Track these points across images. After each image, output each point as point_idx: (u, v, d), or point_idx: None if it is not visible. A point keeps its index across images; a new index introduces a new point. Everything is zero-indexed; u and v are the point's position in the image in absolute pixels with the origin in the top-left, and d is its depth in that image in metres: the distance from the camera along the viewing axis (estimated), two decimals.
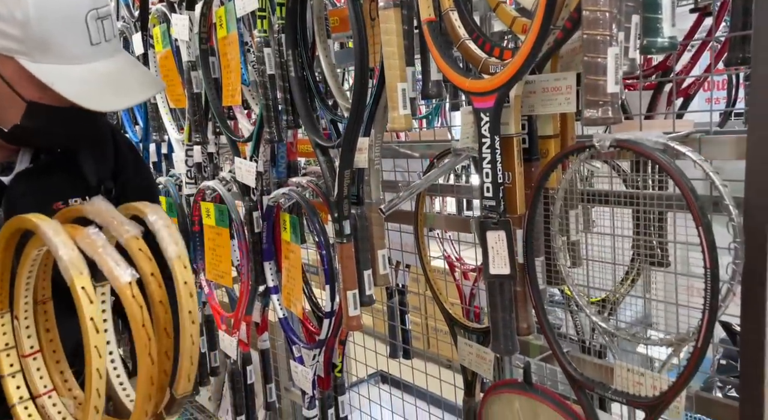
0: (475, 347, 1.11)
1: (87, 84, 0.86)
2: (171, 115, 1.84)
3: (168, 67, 1.70)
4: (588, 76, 0.67)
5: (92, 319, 0.66)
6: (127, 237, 0.70)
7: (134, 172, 1.14)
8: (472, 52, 0.87)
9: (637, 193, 0.84)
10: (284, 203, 1.33)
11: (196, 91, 1.57)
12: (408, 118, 0.98)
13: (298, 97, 1.21)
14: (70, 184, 1.01)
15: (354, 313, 1.19)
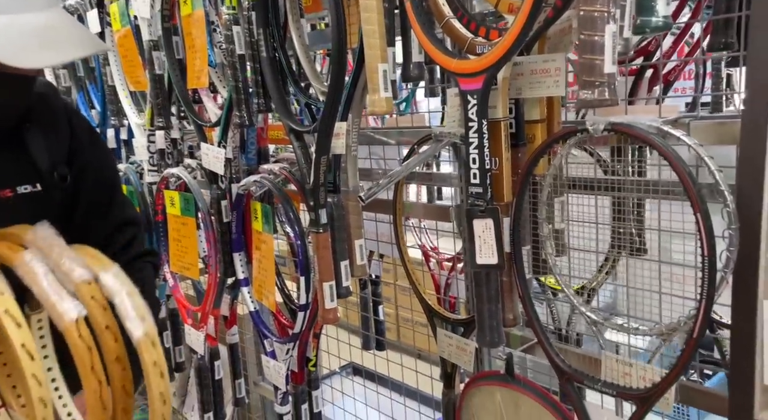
0: (455, 339, 1.09)
1: (9, 36, 0.73)
2: (131, 99, 1.74)
3: (127, 47, 1.60)
4: (584, 55, 0.63)
5: (24, 346, 0.56)
6: (78, 283, 0.58)
7: (93, 155, 1.02)
8: (457, 31, 0.83)
9: (628, 180, 0.82)
10: (255, 191, 1.27)
11: (159, 72, 1.48)
12: (389, 101, 0.93)
13: (270, 79, 1.15)
14: (17, 168, 0.89)
15: (330, 305, 1.14)
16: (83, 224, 0.97)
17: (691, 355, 0.65)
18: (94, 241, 0.93)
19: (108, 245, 0.99)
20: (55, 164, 0.93)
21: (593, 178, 0.82)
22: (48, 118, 0.95)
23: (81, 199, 0.97)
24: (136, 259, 1.03)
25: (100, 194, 1.00)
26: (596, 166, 1.07)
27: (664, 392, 0.68)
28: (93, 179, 0.99)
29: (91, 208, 0.98)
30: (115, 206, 1.02)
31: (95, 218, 0.99)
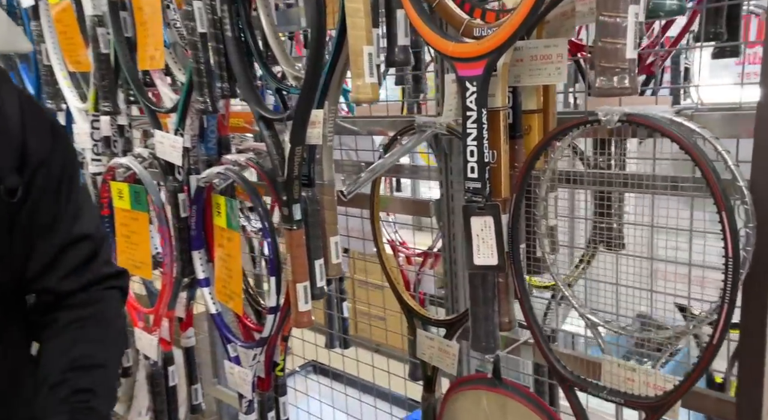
0: (437, 341, 1.03)
1: None
2: (70, 80, 1.57)
3: (66, 22, 1.44)
4: (603, 38, 0.58)
5: None
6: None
7: (47, 159, 0.78)
8: (452, 13, 0.76)
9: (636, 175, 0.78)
10: (219, 184, 1.16)
11: (105, 51, 1.34)
12: (375, 87, 0.85)
13: (236, 60, 1.04)
14: None
15: (304, 307, 1.06)
16: (25, 241, 0.78)
17: (709, 362, 0.62)
18: (38, 263, 0.78)
19: (53, 270, 0.79)
20: (2, 174, 0.73)
21: (598, 172, 0.78)
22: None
23: (23, 210, 0.77)
24: (93, 285, 0.82)
25: (47, 203, 0.79)
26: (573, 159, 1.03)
27: (678, 400, 0.65)
28: (41, 186, 0.78)
29: (35, 220, 0.78)
30: (65, 219, 0.80)
31: (39, 234, 0.79)
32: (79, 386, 0.77)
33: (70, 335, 0.80)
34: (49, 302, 0.81)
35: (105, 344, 0.83)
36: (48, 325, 0.81)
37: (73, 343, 0.80)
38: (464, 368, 1.18)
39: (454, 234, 1.14)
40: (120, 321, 0.89)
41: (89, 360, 0.79)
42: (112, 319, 0.86)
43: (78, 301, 0.81)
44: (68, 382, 0.76)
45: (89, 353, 0.80)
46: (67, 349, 0.79)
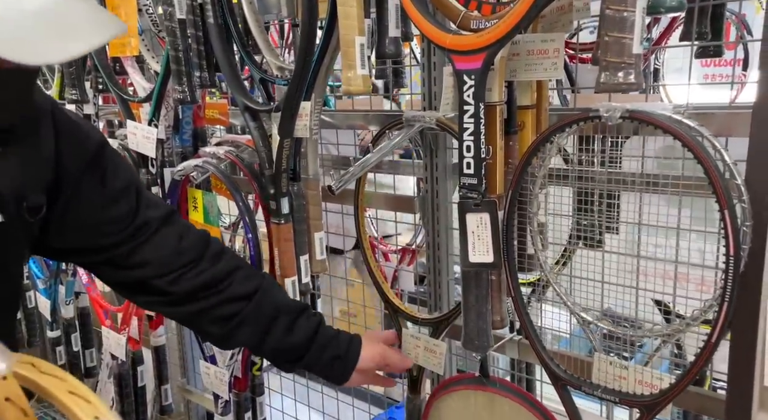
0: (423, 340, 1.01)
1: (8, 25, 0.55)
2: None
3: None
4: (609, 32, 0.57)
5: None
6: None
7: (95, 170, 0.82)
8: (448, 4, 0.74)
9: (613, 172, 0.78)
10: (196, 177, 1.11)
11: None
12: (366, 80, 0.83)
13: (219, 49, 1.00)
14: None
15: None
16: (101, 238, 0.84)
17: (707, 360, 0.62)
18: (142, 256, 0.85)
19: (161, 251, 0.87)
20: (26, 194, 0.75)
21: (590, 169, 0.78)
22: (29, 138, 0.75)
23: (85, 215, 0.82)
24: (197, 243, 0.90)
25: (115, 209, 0.85)
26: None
27: (673, 399, 0.65)
28: (95, 192, 0.82)
29: (109, 219, 0.84)
30: (140, 213, 0.87)
31: (113, 229, 0.84)
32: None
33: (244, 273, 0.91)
34: (180, 276, 0.88)
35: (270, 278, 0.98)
36: (204, 297, 0.88)
37: (268, 283, 0.93)
38: (447, 368, 1.17)
39: (438, 231, 1.13)
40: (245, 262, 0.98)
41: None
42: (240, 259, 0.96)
43: (214, 270, 0.89)
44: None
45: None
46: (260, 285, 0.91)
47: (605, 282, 0.82)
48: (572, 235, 1.08)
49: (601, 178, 0.82)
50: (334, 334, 0.94)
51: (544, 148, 0.72)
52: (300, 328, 0.91)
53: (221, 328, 0.90)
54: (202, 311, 0.89)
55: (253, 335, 0.90)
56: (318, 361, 0.93)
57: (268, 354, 0.95)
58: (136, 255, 0.86)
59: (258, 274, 0.95)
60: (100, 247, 0.85)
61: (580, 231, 0.99)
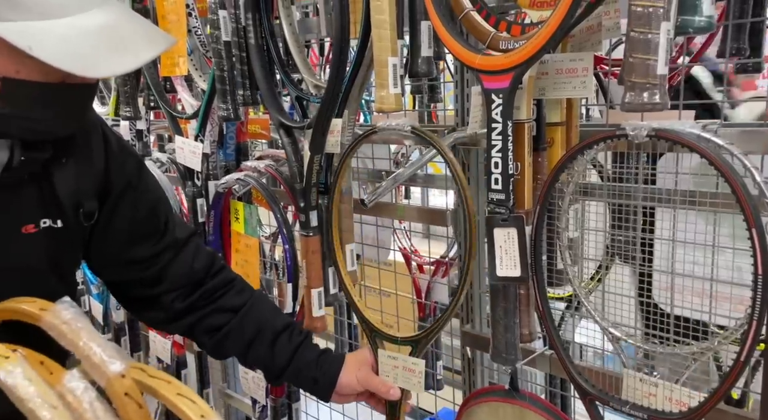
0: (400, 359, 0.97)
1: (74, 43, 0.62)
2: None
3: None
4: (634, 54, 0.58)
5: None
6: (111, 376, 0.49)
7: (134, 187, 0.88)
8: (478, 25, 0.77)
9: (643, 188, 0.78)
10: (238, 190, 1.17)
11: None
12: (398, 98, 0.86)
13: (258, 68, 1.06)
14: (41, 203, 0.78)
15: (318, 313, 1.07)
16: (131, 254, 0.90)
17: (736, 378, 0.61)
18: (156, 268, 0.91)
19: (176, 268, 0.93)
20: (81, 200, 0.82)
21: (623, 186, 0.78)
22: (83, 150, 0.82)
23: (119, 230, 0.88)
24: (212, 264, 0.97)
25: (147, 219, 0.91)
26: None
27: (702, 417, 0.65)
28: (134, 207, 0.89)
29: (138, 234, 0.90)
30: (169, 228, 0.94)
31: (146, 243, 0.91)
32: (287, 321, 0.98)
33: (242, 297, 0.97)
34: (186, 292, 0.94)
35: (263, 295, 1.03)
36: (199, 307, 0.95)
37: (257, 300, 0.98)
38: (479, 379, 1.17)
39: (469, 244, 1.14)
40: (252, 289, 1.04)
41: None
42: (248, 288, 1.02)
43: (212, 283, 0.96)
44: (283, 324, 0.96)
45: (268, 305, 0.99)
46: (257, 303, 0.97)
47: (636, 298, 0.82)
48: (606, 251, 1.08)
49: (636, 195, 0.82)
50: (312, 358, 0.95)
51: (572, 164, 0.73)
52: (280, 347, 0.94)
53: (211, 338, 0.95)
54: (197, 321, 0.94)
55: (238, 348, 0.95)
56: (297, 380, 0.97)
57: (253, 366, 1.00)
58: (161, 272, 0.92)
59: (249, 290, 1.00)
60: (133, 262, 0.90)
61: (614, 247, 0.99)
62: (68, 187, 0.80)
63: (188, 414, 0.48)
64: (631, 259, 0.93)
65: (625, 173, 0.93)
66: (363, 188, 1.30)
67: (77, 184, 0.81)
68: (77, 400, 0.47)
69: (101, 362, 0.49)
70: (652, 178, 1.00)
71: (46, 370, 0.51)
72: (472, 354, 1.16)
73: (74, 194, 0.81)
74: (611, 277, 1.06)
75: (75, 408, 0.47)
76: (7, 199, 0.76)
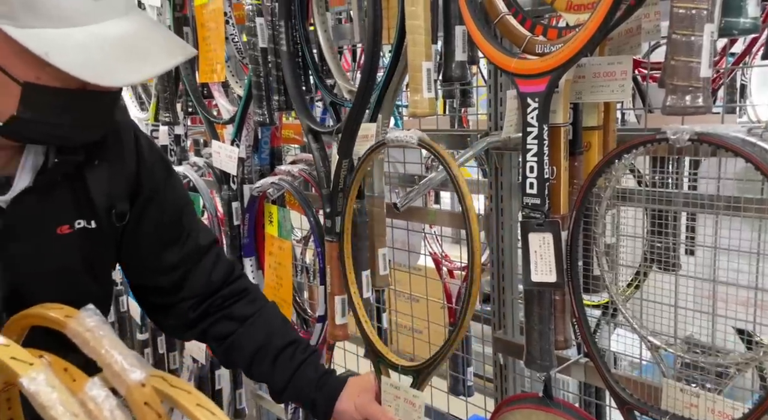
0: (402, 390, 0.92)
1: (91, 51, 0.63)
2: (132, 91, 1.65)
3: None
4: (677, 56, 0.57)
5: None
6: (131, 385, 0.49)
7: (163, 190, 0.90)
8: (513, 29, 0.77)
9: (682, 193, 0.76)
10: (272, 194, 1.19)
11: None
12: (432, 102, 0.86)
13: (289, 74, 1.07)
14: (75, 204, 0.80)
15: (341, 321, 1.07)
16: (156, 256, 0.91)
17: None
18: (176, 274, 0.92)
19: (193, 276, 0.93)
20: (114, 201, 0.83)
21: (661, 191, 0.77)
22: (115, 152, 0.85)
23: (146, 233, 0.89)
24: (230, 276, 0.97)
25: (172, 225, 0.92)
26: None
27: None
28: (161, 211, 0.90)
29: (163, 239, 0.91)
30: (191, 235, 0.94)
31: (170, 249, 0.92)
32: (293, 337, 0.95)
33: (252, 312, 0.95)
34: (201, 300, 0.94)
35: (274, 308, 1.00)
36: (210, 313, 0.94)
37: (267, 311, 0.96)
38: (511, 387, 1.16)
39: (502, 249, 1.13)
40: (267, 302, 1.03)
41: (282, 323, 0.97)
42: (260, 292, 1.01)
43: (227, 290, 0.95)
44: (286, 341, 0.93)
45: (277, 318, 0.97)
46: (264, 321, 0.95)
47: (678, 306, 0.80)
48: (645, 257, 1.06)
49: (676, 200, 0.80)
50: (314, 378, 0.92)
51: (610, 169, 0.72)
52: (282, 363, 0.92)
53: (219, 346, 0.95)
54: (208, 327, 0.94)
55: (243, 359, 0.94)
56: (297, 400, 0.95)
57: (258, 381, 0.97)
58: (182, 279, 0.92)
59: (261, 300, 0.98)
60: (158, 266, 0.91)
61: (653, 253, 0.97)
62: (101, 188, 0.82)
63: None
64: (671, 266, 0.91)
65: (665, 178, 0.91)
66: (395, 192, 1.31)
67: (110, 185, 0.83)
68: (98, 408, 0.47)
69: (122, 371, 0.50)
70: (692, 183, 0.98)
71: (70, 378, 0.52)
72: (504, 360, 1.15)
73: (107, 195, 0.83)
74: (650, 284, 1.04)
75: (96, 416, 0.47)
76: (42, 201, 0.77)
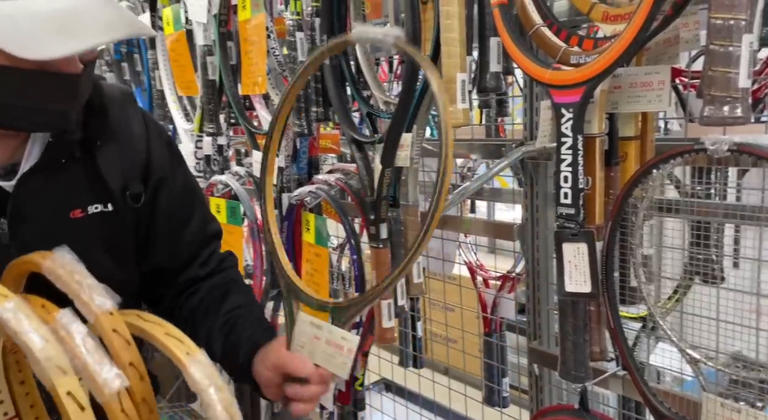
0: (325, 330, 0.73)
1: (18, 23, 0.61)
2: (178, 104, 1.72)
3: (179, 51, 1.58)
4: (714, 67, 0.57)
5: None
6: (98, 313, 0.51)
7: (170, 171, 0.89)
8: (548, 41, 0.78)
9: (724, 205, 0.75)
10: (310, 202, 1.22)
11: (212, 78, 1.46)
12: (466, 113, 0.88)
13: (332, 87, 1.11)
14: (88, 187, 0.80)
15: (388, 324, 1.09)
16: (164, 242, 0.91)
17: None
18: (180, 259, 0.92)
19: (193, 262, 0.93)
20: (128, 183, 0.84)
21: (702, 201, 0.75)
22: (124, 134, 0.85)
23: (158, 216, 0.89)
24: (220, 266, 0.96)
25: (180, 210, 0.92)
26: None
27: None
28: (170, 195, 0.90)
29: (172, 225, 0.90)
30: (198, 221, 0.94)
31: (176, 235, 0.91)
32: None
33: (219, 292, 0.91)
34: (185, 287, 0.93)
35: (249, 294, 0.98)
36: (187, 298, 0.92)
37: (225, 295, 0.91)
38: (546, 398, 1.15)
39: (538, 259, 1.13)
40: (244, 286, 1.00)
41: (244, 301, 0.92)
42: (241, 282, 0.99)
43: (214, 280, 0.94)
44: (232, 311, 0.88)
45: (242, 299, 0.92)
46: (222, 301, 0.90)
47: (719, 320, 0.78)
48: (686, 269, 1.03)
49: (717, 211, 0.79)
50: (250, 324, 0.85)
51: (646, 179, 0.72)
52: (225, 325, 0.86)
53: (175, 299, 0.91)
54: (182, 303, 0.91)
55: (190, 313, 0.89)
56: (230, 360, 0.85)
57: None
58: (180, 270, 0.91)
59: (237, 282, 0.95)
60: (166, 252, 0.89)
61: (694, 266, 0.95)
62: (113, 169, 0.82)
63: (175, 351, 0.50)
64: (714, 278, 0.89)
65: (705, 188, 0.90)
66: (429, 201, 1.32)
67: (122, 166, 0.83)
68: (69, 335, 0.49)
69: (90, 300, 0.51)
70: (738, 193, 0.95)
71: (45, 311, 0.53)
72: (539, 371, 1.14)
73: (120, 176, 0.83)
74: (691, 297, 1.02)
75: (67, 342, 0.49)
76: (51, 184, 0.77)
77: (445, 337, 1.99)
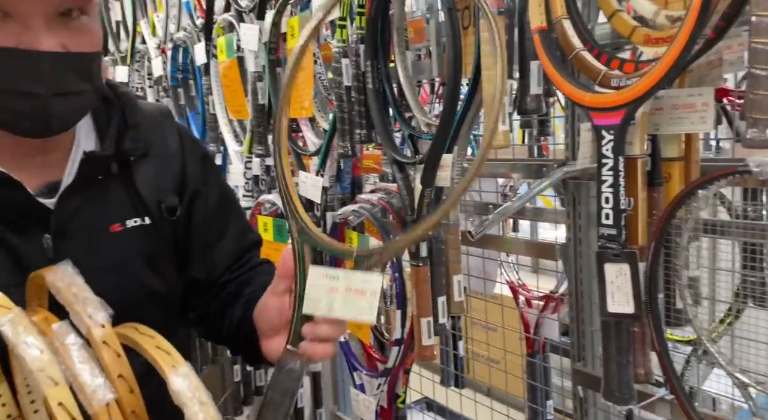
0: (342, 280, 0.61)
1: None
2: (230, 127, 1.80)
3: (231, 77, 1.67)
4: (756, 90, 0.57)
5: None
6: (89, 324, 0.52)
7: (205, 183, 0.90)
8: (588, 64, 0.79)
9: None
10: (353, 221, 1.26)
11: (261, 102, 1.53)
12: (507, 135, 0.90)
13: (375, 110, 1.15)
14: (126, 201, 0.81)
15: (428, 342, 1.10)
16: (200, 254, 0.91)
17: None
18: (218, 269, 0.92)
19: (230, 272, 0.92)
20: (163, 196, 0.84)
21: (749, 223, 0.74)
22: (159, 148, 0.86)
23: (194, 229, 0.90)
24: (252, 268, 0.95)
25: (216, 222, 0.92)
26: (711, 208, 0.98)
27: None
28: (205, 208, 0.91)
29: (207, 237, 0.91)
30: (231, 234, 0.94)
31: (212, 247, 0.92)
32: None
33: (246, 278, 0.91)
34: (217, 292, 0.92)
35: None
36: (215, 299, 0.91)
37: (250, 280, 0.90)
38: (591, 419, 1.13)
39: (581, 279, 1.12)
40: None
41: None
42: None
43: (242, 278, 0.92)
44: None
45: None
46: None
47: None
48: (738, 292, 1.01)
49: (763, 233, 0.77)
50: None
51: (690, 200, 0.72)
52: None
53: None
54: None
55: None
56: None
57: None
58: (216, 283, 0.90)
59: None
60: (204, 263, 0.89)
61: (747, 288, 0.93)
62: (148, 183, 0.82)
63: (161, 363, 0.51)
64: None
65: (754, 209, 0.88)
66: (470, 221, 1.33)
67: (156, 180, 0.83)
68: (63, 346, 0.50)
69: (82, 311, 0.52)
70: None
71: (47, 323, 0.54)
72: (584, 394, 1.12)
73: (155, 190, 0.83)
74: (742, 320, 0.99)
75: (61, 353, 0.50)
76: (89, 200, 0.78)
77: (487, 357, 1.98)
